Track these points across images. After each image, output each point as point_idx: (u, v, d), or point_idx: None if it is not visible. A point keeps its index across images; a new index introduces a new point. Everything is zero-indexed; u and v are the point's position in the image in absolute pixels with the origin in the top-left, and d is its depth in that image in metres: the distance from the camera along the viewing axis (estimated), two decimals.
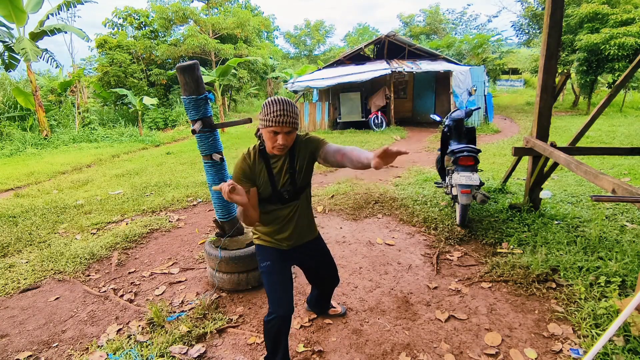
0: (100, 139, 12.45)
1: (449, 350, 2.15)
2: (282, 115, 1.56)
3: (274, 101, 1.60)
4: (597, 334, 2.08)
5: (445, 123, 4.26)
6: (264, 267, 1.91)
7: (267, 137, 1.64)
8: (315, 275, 2.19)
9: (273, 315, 1.81)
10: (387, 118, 12.38)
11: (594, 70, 13.10)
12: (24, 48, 9.89)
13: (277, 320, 1.81)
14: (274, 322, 1.82)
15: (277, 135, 1.60)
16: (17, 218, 4.81)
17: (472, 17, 31.88)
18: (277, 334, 1.86)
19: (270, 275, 1.89)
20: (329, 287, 2.29)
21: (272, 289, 1.87)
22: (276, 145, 1.63)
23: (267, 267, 1.90)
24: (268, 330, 1.87)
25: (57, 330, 2.56)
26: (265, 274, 1.90)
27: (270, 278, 1.89)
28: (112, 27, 18.44)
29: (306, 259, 2.07)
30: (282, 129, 1.58)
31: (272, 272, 1.89)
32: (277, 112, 1.56)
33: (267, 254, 1.92)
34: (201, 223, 4.44)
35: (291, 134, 1.64)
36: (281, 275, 1.90)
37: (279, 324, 1.82)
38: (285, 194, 1.81)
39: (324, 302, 2.43)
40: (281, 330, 1.86)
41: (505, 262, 2.95)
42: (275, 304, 1.84)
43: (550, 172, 3.82)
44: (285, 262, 1.95)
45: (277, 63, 23.64)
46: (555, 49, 3.51)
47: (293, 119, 1.60)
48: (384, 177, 6.13)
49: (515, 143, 8.21)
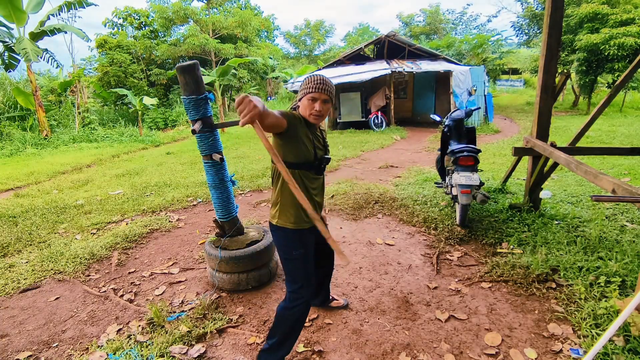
0: (100, 139, 12.44)
1: (449, 350, 2.15)
2: (322, 83, 1.76)
3: (315, 74, 1.80)
4: (597, 334, 2.08)
5: (445, 123, 4.26)
6: (297, 255, 1.90)
7: (306, 104, 1.77)
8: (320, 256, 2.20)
9: (302, 300, 1.91)
10: (387, 118, 12.38)
11: (594, 70, 13.11)
12: (24, 48, 9.89)
13: (303, 306, 1.92)
14: (301, 307, 1.92)
15: (315, 102, 1.76)
16: (17, 218, 4.81)
17: (472, 17, 31.89)
18: (298, 320, 1.94)
19: (305, 262, 1.93)
20: (328, 270, 2.36)
21: (305, 275, 1.94)
22: (313, 111, 1.76)
23: (301, 255, 1.91)
24: (290, 316, 1.92)
25: (57, 330, 2.56)
26: (298, 262, 1.92)
27: (305, 265, 1.93)
28: (112, 27, 18.47)
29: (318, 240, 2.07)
30: (320, 95, 1.75)
31: (306, 262, 1.94)
32: (318, 81, 1.76)
33: (301, 240, 1.91)
34: (201, 223, 4.44)
35: (327, 104, 1.79)
36: (311, 262, 1.97)
37: (304, 308, 1.93)
38: (323, 164, 1.90)
39: (325, 293, 2.48)
40: (303, 315, 1.95)
41: (505, 262, 2.95)
42: (307, 290, 1.93)
43: (550, 172, 3.82)
44: (311, 247, 1.99)
45: (277, 63, 23.64)
46: (555, 49, 3.51)
47: (330, 90, 1.78)
48: (384, 177, 6.13)
49: (515, 143, 8.22)
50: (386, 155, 8.30)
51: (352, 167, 7.11)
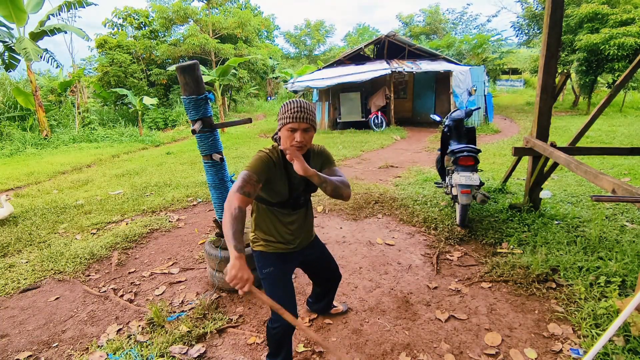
0: (100, 139, 12.44)
1: (449, 350, 2.15)
2: (300, 111, 1.60)
3: (292, 100, 1.65)
4: (597, 334, 2.08)
5: (445, 123, 4.26)
6: (265, 274, 1.86)
7: (285, 135, 1.63)
8: (318, 272, 2.19)
9: (277, 324, 1.82)
10: (387, 118, 12.38)
11: (594, 70, 13.10)
12: (24, 48, 9.89)
13: (281, 329, 1.82)
14: (278, 330, 1.83)
15: (295, 133, 1.60)
16: (17, 218, 4.81)
17: (472, 17, 31.88)
18: (281, 339, 1.87)
19: (273, 283, 1.86)
20: (333, 283, 2.27)
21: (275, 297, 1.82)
22: (294, 143, 1.60)
23: (269, 274, 1.86)
24: (272, 336, 1.87)
25: (57, 330, 2.56)
26: (267, 281, 1.86)
27: (273, 286, 1.86)
28: (112, 27, 18.45)
29: (307, 259, 2.07)
30: (299, 125, 1.60)
31: (275, 280, 1.86)
32: (295, 109, 1.60)
33: (269, 261, 1.87)
34: (201, 223, 4.44)
35: (308, 132, 1.64)
36: (283, 282, 1.88)
37: (283, 331, 1.83)
38: (300, 199, 1.82)
39: (327, 302, 2.41)
40: (285, 335, 1.87)
41: (505, 262, 2.95)
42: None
43: (550, 172, 3.82)
44: (287, 266, 1.93)
45: (277, 63, 23.64)
46: (555, 49, 3.51)
47: (310, 116, 1.63)
48: (384, 177, 6.13)
49: (515, 143, 8.22)
50: (386, 155, 8.30)
51: (352, 167, 7.11)
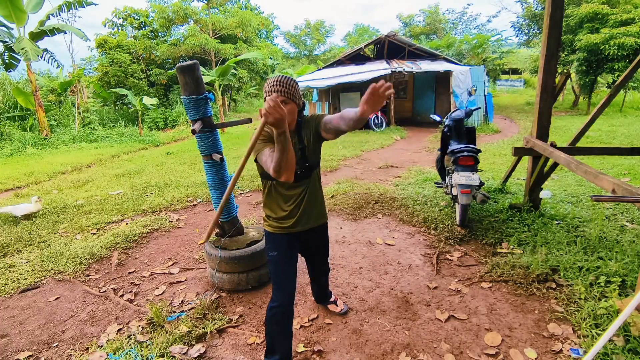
0: (100, 139, 12.44)
1: (449, 350, 2.15)
2: (276, 84, 1.70)
3: (273, 76, 1.76)
4: (597, 334, 2.08)
5: (445, 123, 4.26)
6: (271, 256, 1.96)
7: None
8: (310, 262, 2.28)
9: (276, 303, 1.91)
10: (387, 118, 12.38)
11: (594, 70, 13.10)
12: (24, 48, 9.89)
13: (279, 309, 1.91)
14: (276, 310, 1.91)
15: None
16: (17, 218, 4.81)
17: (472, 17, 31.91)
18: (277, 324, 1.92)
19: (277, 265, 1.95)
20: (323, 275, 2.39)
21: (277, 278, 1.95)
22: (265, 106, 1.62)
23: (274, 257, 1.95)
24: (269, 319, 1.93)
25: (57, 330, 2.56)
26: (272, 262, 1.96)
27: (276, 267, 1.96)
28: (112, 27, 18.46)
29: (309, 244, 2.13)
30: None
31: (279, 262, 1.95)
32: (272, 82, 1.71)
33: (275, 243, 1.97)
34: (201, 223, 4.44)
35: (287, 105, 1.70)
36: (287, 265, 1.96)
37: (281, 312, 1.91)
38: (298, 170, 1.85)
39: (320, 287, 2.50)
40: (283, 319, 1.93)
41: (505, 262, 2.95)
42: (279, 292, 1.93)
43: (550, 172, 3.82)
44: (293, 251, 2.00)
45: (277, 63, 23.64)
46: (555, 49, 3.51)
47: (286, 88, 1.70)
48: (384, 177, 6.13)
49: (515, 143, 8.22)
50: (386, 155, 8.30)
51: (352, 167, 7.11)
